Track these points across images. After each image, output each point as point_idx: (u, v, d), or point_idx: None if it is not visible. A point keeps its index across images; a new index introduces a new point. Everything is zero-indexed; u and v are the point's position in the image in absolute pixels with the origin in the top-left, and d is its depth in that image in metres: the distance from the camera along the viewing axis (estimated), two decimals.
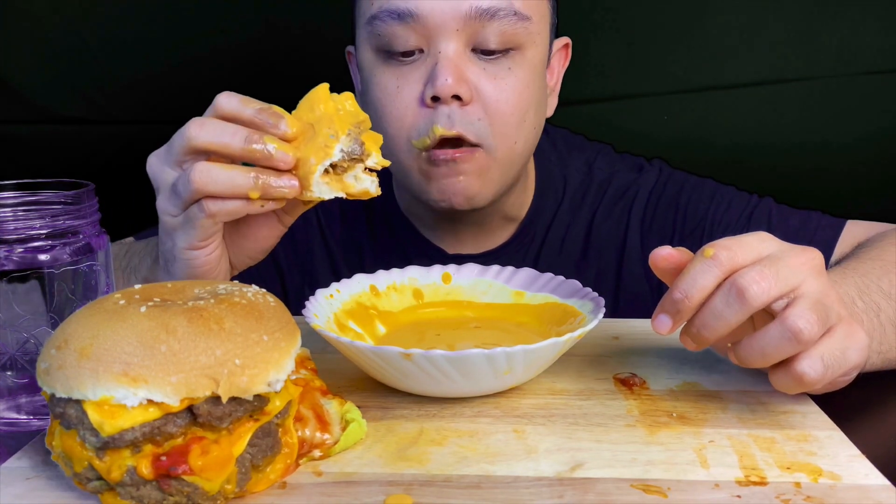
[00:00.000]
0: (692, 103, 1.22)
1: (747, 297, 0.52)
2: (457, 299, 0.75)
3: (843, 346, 0.54)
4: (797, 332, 0.52)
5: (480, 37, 0.82)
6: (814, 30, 1.18)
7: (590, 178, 1.00)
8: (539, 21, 0.85)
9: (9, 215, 0.58)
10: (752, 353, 0.54)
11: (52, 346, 0.47)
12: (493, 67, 0.83)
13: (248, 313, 0.49)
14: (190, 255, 0.65)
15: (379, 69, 0.85)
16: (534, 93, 0.86)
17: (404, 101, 0.83)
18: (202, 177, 0.60)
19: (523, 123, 0.86)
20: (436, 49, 0.82)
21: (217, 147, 0.61)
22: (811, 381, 0.53)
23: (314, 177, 0.61)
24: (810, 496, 0.48)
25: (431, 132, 0.82)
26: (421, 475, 0.51)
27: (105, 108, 1.27)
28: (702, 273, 0.54)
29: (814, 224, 0.91)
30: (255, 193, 0.60)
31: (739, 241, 0.55)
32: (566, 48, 0.96)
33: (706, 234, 0.94)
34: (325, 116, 0.62)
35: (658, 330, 0.56)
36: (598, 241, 0.98)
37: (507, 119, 0.84)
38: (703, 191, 0.97)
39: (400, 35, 0.82)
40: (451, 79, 0.80)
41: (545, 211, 0.99)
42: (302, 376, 0.55)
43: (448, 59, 0.81)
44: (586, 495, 0.48)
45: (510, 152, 0.86)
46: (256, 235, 0.69)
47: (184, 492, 0.45)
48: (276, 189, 0.61)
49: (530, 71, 0.85)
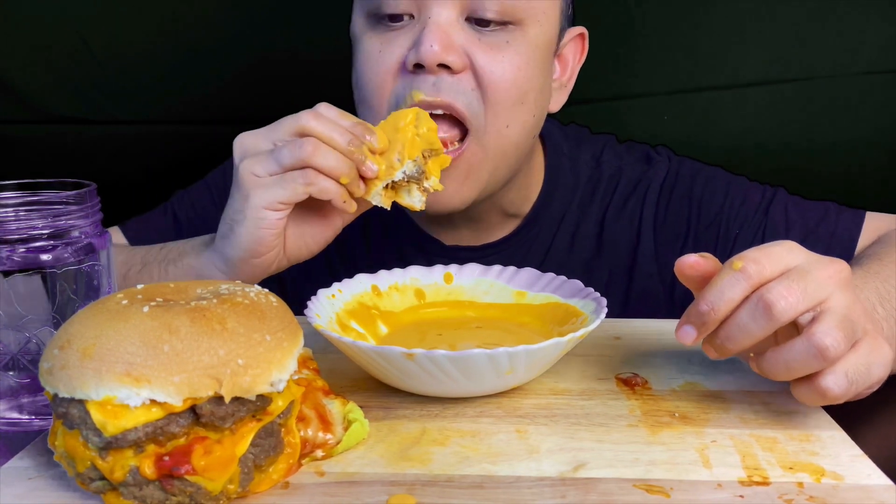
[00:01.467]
0: (692, 103, 1.22)
1: (774, 313, 0.52)
2: (458, 299, 0.75)
3: (867, 361, 0.53)
4: (823, 349, 0.51)
5: (476, 4, 0.76)
6: (814, 30, 1.17)
7: (599, 173, 0.96)
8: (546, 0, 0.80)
9: (11, 215, 0.58)
10: (776, 366, 0.54)
11: (54, 346, 0.47)
12: (489, 38, 0.78)
13: (250, 313, 0.49)
14: (263, 214, 0.69)
15: (366, 35, 0.81)
16: (535, 74, 0.80)
17: (385, 65, 0.78)
18: (315, 148, 0.67)
19: (520, 106, 0.79)
20: (426, 15, 0.76)
21: (325, 139, 0.68)
22: (834, 396, 0.53)
23: (376, 189, 0.71)
24: (813, 496, 0.48)
25: (409, 97, 0.77)
26: (423, 475, 0.51)
27: (105, 108, 1.27)
28: (729, 286, 0.53)
29: (833, 216, 0.89)
30: (345, 179, 0.69)
31: (768, 254, 0.54)
32: (581, 38, 0.90)
33: (722, 227, 0.91)
34: (402, 137, 0.71)
35: (682, 340, 0.56)
36: (611, 239, 0.95)
37: (503, 95, 0.78)
38: (716, 183, 0.93)
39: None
40: (438, 45, 0.74)
41: (552, 206, 0.95)
42: (304, 376, 0.55)
43: (436, 25, 0.75)
44: (588, 495, 0.48)
45: (501, 139, 0.80)
46: (317, 222, 0.74)
47: (187, 492, 0.45)
48: (356, 187, 0.70)
49: (531, 49, 0.79)
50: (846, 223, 0.88)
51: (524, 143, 0.84)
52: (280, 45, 1.24)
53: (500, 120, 0.79)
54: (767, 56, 1.19)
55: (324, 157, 0.68)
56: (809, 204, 0.92)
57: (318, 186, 0.68)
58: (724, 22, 1.19)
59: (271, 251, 0.72)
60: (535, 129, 0.85)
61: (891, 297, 0.68)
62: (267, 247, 0.71)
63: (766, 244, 0.56)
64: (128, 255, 0.86)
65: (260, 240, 0.70)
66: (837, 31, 1.17)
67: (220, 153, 0.89)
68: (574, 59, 0.90)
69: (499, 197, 0.89)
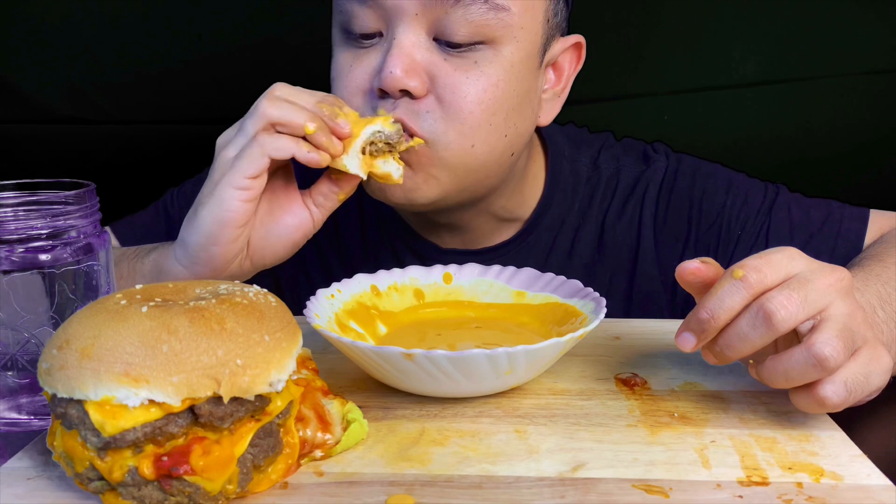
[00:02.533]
0: (692, 103, 1.22)
1: (774, 322, 0.52)
2: (458, 299, 0.75)
3: (866, 370, 0.53)
4: (823, 359, 0.51)
5: (443, 24, 0.73)
6: (814, 30, 1.17)
7: (597, 176, 0.94)
8: (522, 14, 0.75)
9: (9, 215, 0.58)
10: (775, 374, 0.54)
11: (53, 346, 0.47)
12: (457, 60, 0.75)
13: (249, 313, 0.49)
14: (228, 193, 0.68)
15: (340, 48, 0.80)
16: (506, 95, 0.77)
17: (353, 84, 0.78)
18: (271, 102, 0.68)
19: (486, 126, 0.76)
20: (391, 35, 0.75)
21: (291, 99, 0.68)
22: (833, 405, 0.53)
23: (356, 142, 0.70)
24: (812, 496, 0.48)
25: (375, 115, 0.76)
26: (422, 475, 0.51)
27: (105, 108, 1.27)
28: (729, 294, 0.53)
29: (837, 215, 0.88)
30: (310, 130, 0.67)
31: (769, 262, 0.54)
32: (578, 48, 0.86)
33: (724, 227, 0.90)
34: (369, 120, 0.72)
35: (682, 347, 0.56)
36: (612, 242, 0.93)
37: (465, 117, 0.75)
38: (716, 182, 0.92)
39: (358, 15, 0.76)
40: (400, 70, 0.73)
41: (553, 211, 0.93)
42: (303, 376, 0.55)
43: (399, 48, 0.73)
44: (588, 495, 0.48)
45: (465, 155, 0.77)
46: (285, 222, 0.72)
47: (185, 492, 0.45)
48: (325, 136, 0.68)
49: (504, 70, 0.76)
50: (851, 223, 0.88)
51: (496, 160, 0.80)
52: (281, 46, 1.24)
53: (466, 140, 0.76)
54: (767, 56, 1.19)
55: (281, 109, 0.67)
56: (812, 202, 0.91)
57: (273, 145, 0.67)
58: (724, 22, 1.19)
59: (233, 243, 0.69)
60: (512, 146, 0.81)
61: (891, 299, 0.68)
62: (228, 234, 0.69)
63: (767, 251, 0.56)
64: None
65: (221, 221, 0.68)
66: (837, 31, 1.17)
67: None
68: (570, 67, 0.87)
69: (487, 204, 0.87)
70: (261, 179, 0.69)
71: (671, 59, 1.21)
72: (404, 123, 0.74)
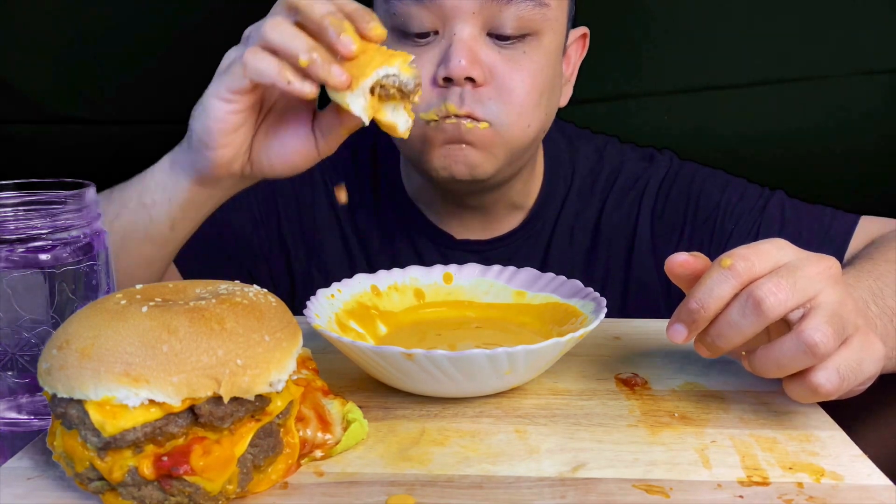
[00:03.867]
0: (692, 103, 1.22)
1: (763, 309, 0.52)
2: (458, 299, 0.75)
3: (859, 357, 0.53)
4: (812, 345, 0.51)
5: (497, 21, 0.81)
6: (814, 30, 1.17)
7: (600, 166, 1.00)
8: (557, 7, 0.85)
9: (9, 215, 0.58)
10: (766, 363, 0.54)
11: (53, 346, 0.47)
12: (508, 51, 0.83)
13: (249, 313, 0.49)
14: (212, 103, 0.67)
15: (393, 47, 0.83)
16: (548, 78, 0.86)
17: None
18: (273, 23, 0.63)
19: (537, 107, 0.85)
20: (451, 31, 0.81)
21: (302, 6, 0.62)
22: (826, 392, 0.53)
23: (365, 81, 0.61)
24: (813, 496, 0.48)
25: (442, 107, 0.81)
26: (423, 475, 0.51)
27: (105, 108, 1.27)
28: (718, 283, 0.54)
29: (828, 219, 0.91)
30: (304, 61, 0.60)
31: (757, 250, 0.54)
32: (584, 38, 0.96)
33: (718, 222, 0.94)
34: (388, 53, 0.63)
35: (673, 339, 0.56)
36: (609, 231, 0.98)
37: (521, 101, 0.83)
38: (714, 180, 0.97)
39: (416, 16, 0.82)
40: (465, 61, 0.80)
41: (554, 199, 0.98)
42: (303, 376, 0.54)
43: (462, 42, 0.81)
44: (588, 496, 0.48)
45: (521, 134, 0.85)
46: (287, 142, 0.71)
47: (185, 492, 0.45)
48: (321, 68, 0.60)
49: (546, 56, 0.85)
50: (840, 225, 0.90)
51: (540, 136, 0.90)
52: None
53: (523, 121, 0.85)
54: (768, 56, 1.19)
55: (281, 32, 0.62)
56: (806, 206, 0.94)
57: (255, 67, 0.63)
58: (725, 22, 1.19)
59: (223, 148, 0.69)
60: (549, 123, 0.90)
61: (884, 294, 0.68)
62: (216, 140, 0.68)
63: (756, 242, 0.56)
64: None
65: (209, 131, 0.67)
66: (837, 31, 1.17)
67: None
68: (577, 55, 0.96)
69: (507, 187, 0.93)
70: (249, 95, 0.67)
71: (672, 58, 1.21)
72: (473, 114, 0.81)
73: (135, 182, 0.77)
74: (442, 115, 0.82)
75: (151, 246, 0.76)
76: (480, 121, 0.82)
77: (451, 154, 0.83)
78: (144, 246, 0.76)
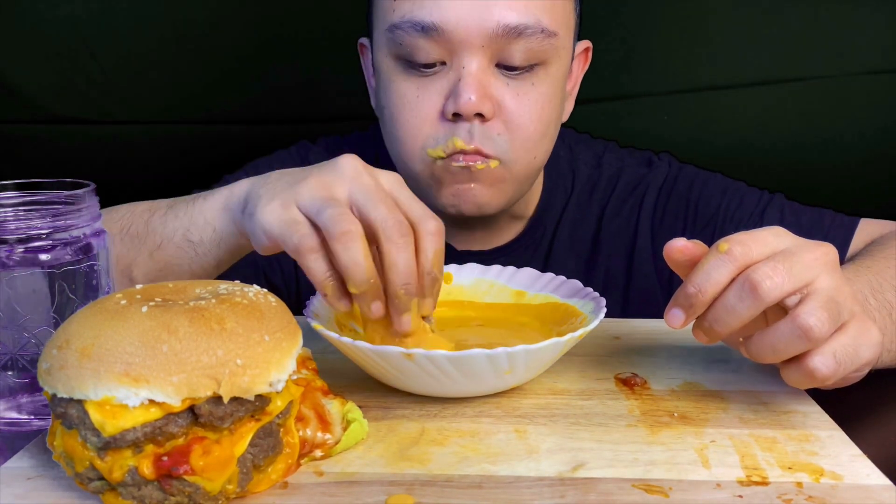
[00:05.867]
0: (692, 103, 1.22)
1: (760, 293, 0.53)
2: (458, 299, 0.75)
3: (855, 342, 0.54)
4: (807, 329, 0.52)
5: (505, 53, 0.80)
6: (814, 30, 1.17)
7: (599, 172, 0.99)
8: (565, 35, 0.84)
9: (9, 215, 0.58)
10: (763, 348, 0.54)
11: (53, 345, 0.47)
12: (517, 83, 0.82)
13: (249, 313, 0.49)
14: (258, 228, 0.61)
15: (398, 77, 0.83)
16: (555, 106, 0.86)
17: (423, 112, 0.82)
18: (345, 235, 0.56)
19: (544, 138, 0.85)
20: (459, 63, 0.80)
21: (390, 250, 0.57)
22: (822, 377, 0.53)
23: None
24: (812, 496, 0.48)
25: (450, 143, 0.81)
26: (422, 475, 0.51)
27: (105, 108, 1.27)
28: (716, 268, 0.54)
29: (827, 221, 0.91)
30: (353, 290, 0.57)
31: (754, 236, 0.55)
32: (586, 52, 0.94)
33: (718, 227, 0.94)
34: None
35: (671, 323, 0.56)
36: (609, 237, 0.98)
37: (529, 135, 0.83)
38: (714, 185, 0.96)
39: (422, 47, 0.80)
40: (475, 96, 0.79)
41: (554, 207, 0.98)
42: (303, 376, 0.54)
43: (472, 76, 0.79)
44: (588, 495, 0.48)
45: (528, 167, 0.85)
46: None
47: (185, 492, 0.45)
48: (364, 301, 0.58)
49: (553, 85, 0.84)
50: (840, 228, 0.90)
51: (545, 162, 0.90)
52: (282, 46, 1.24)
53: (530, 154, 0.85)
54: (767, 56, 1.19)
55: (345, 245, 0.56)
56: (805, 209, 0.94)
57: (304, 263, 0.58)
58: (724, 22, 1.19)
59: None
60: (552, 146, 0.90)
61: (882, 289, 0.69)
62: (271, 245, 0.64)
63: (754, 229, 0.56)
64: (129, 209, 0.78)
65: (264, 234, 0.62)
66: (838, 31, 1.17)
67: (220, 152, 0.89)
68: (579, 69, 0.95)
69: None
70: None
71: (671, 58, 1.21)
72: (481, 151, 0.81)
73: (180, 213, 0.73)
74: (449, 152, 0.81)
75: (191, 276, 0.74)
76: (489, 157, 0.82)
77: (460, 193, 0.83)
78: (184, 276, 0.74)
